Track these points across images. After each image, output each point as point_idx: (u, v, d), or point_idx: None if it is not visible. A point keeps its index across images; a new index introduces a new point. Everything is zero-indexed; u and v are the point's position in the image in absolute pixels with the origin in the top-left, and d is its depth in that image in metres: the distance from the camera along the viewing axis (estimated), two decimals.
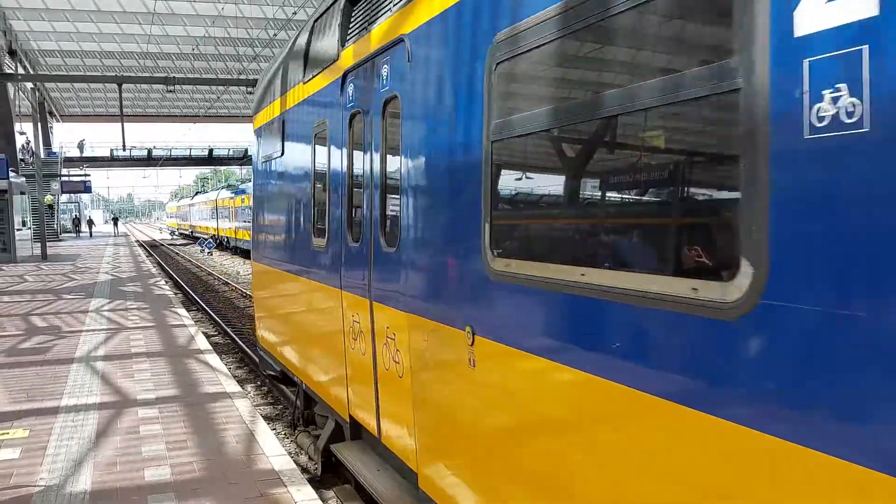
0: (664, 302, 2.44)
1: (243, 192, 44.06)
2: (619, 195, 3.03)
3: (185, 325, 14.08)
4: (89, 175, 57.31)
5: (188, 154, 75.44)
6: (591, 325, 2.88)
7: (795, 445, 2.00)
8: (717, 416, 2.24)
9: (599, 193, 3.13)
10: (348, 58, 5.80)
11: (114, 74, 43.18)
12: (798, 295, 2.00)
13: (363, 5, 5.73)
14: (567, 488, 3.05)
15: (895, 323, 1.76)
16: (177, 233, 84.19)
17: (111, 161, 72.38)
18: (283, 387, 10.12)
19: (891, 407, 1.77)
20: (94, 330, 13.52)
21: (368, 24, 5.45)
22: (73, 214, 69.48)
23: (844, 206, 1.88)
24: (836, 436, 1.90)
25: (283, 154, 7.96)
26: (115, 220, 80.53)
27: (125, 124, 30.38)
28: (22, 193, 36.56)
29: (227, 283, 26.94)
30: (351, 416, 6.06)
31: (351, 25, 5.93)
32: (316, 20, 6.95)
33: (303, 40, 7.36)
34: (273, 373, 9.11)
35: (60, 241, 49.97)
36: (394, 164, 4.89)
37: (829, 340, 1.93)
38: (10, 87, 38.78)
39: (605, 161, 3.07)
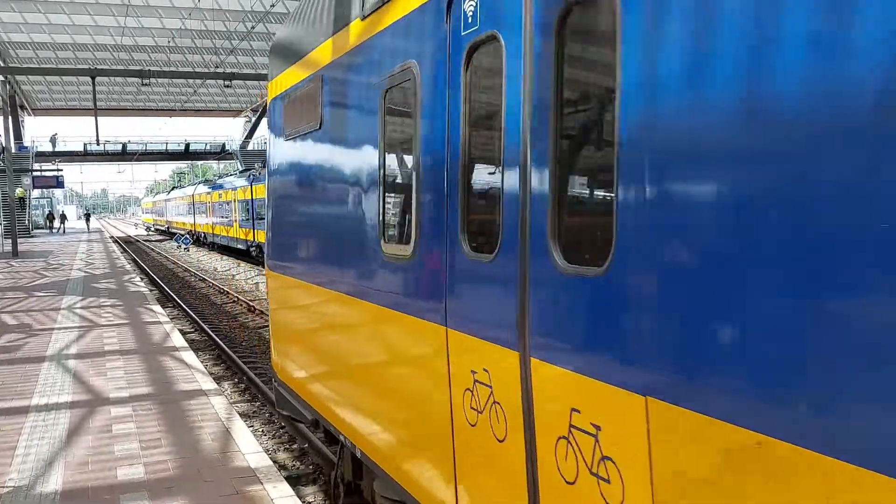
0: None
1: (220, 186, 43.67)
2: None
3: (160, 322, 13.90)
4: (62, 170, 56.49)
5: (164, 148, 74.54)
6: None
7: None
8: None
9: None
10: None
11: (87, 67, 42.44)
12: None
13: None
14: None
15: None
16: (152, 228, 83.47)
17: (84, 155, 71.37)
18: (303, 426, 7.90)
19: None
20: (66, 328, 13.30)
21: None
22: (47, 210, 68.55)
23: None
24: None
25: (321, 126, 5.70)
26: (87, 216, 79.39)
27: (99, 118, 29.93)
28: None
29: (203, 280, 26.70)
30: None
31: None
32: None
33: None
34: (295, 417, 6.78)
35: (32, 237, 49.23)
36: (589, 115, 2.97)
37: None
38: None
39: None
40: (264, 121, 52.55)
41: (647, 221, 2.43)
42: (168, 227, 68.86)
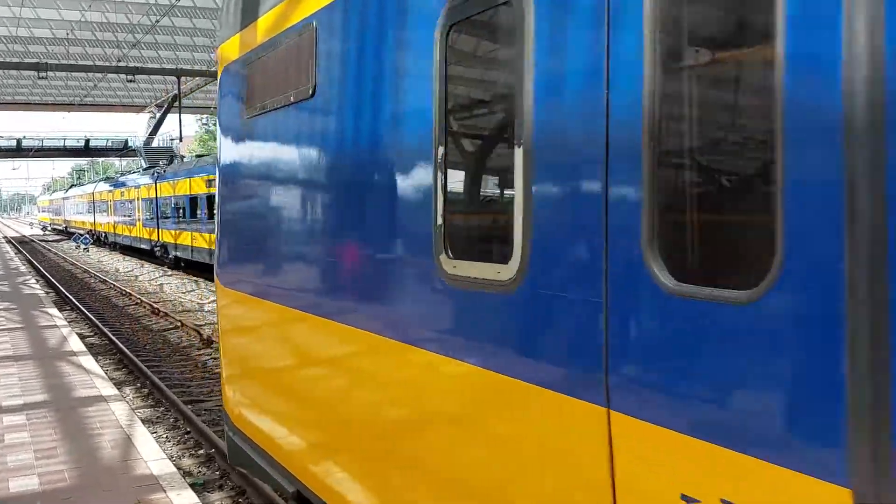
0: None
1: (123, 184, 42.21)
2: None
3: (57, 326, 13.36)
4: None
5: (62, 145, 71.26)
6: None
7: None
8: None
9: None
10: None
11: None
12: None
13: None
14: None
15: None
16: (49, 228, 79.88)
17: None
18: (265, 486, 6.15)
19: None
20: None
21: None
22: None
23: None
24: None
25: (314, 93, 4.16)
26: None
27: None
28: None
29: (104, 281, 25.75)
30: None
31: None
32: None
33: None
34: (258, 476, 5.35)
35: None
36: None
37: None
38: None
39: None
40: (171, 117, 50.85)
41: None
42: (66, 227, 66.09)
